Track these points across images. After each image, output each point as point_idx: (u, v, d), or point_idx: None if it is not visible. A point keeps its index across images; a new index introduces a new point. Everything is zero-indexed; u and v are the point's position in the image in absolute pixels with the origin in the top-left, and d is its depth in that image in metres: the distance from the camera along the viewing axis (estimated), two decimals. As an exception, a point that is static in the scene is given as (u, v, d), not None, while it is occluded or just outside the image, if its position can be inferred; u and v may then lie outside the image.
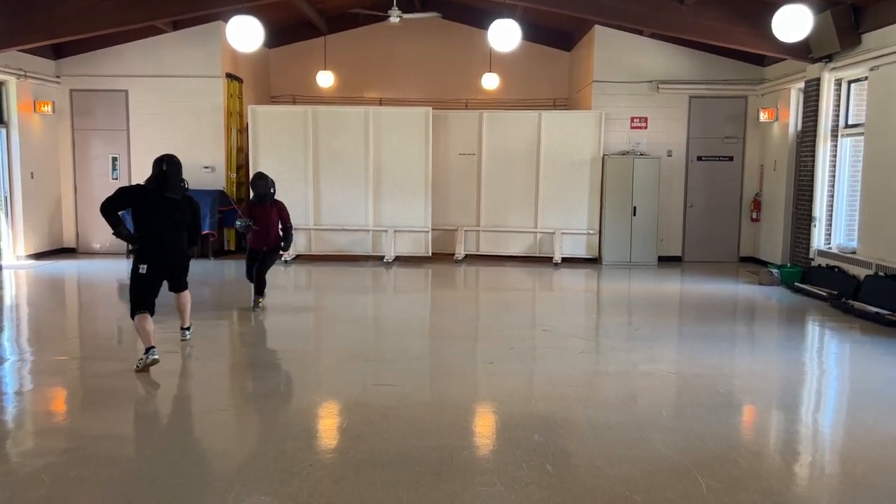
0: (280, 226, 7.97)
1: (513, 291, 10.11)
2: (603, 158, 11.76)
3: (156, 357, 5.45)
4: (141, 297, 5.53)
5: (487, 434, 4.44)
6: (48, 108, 11.46)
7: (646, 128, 12.04)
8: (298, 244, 11.87)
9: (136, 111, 12.02)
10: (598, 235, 11.89)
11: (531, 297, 9.89)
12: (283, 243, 7.97)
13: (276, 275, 10.76)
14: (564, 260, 11.80)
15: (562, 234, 11.90)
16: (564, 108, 13.63)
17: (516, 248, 12.13)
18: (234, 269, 11.15)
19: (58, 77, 11.83)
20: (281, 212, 7.96)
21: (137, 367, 5.44)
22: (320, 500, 3.43)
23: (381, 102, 13.63)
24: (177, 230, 5.68)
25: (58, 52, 11.73)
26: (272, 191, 7.97)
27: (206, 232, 11.47)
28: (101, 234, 12.04)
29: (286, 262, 11.50)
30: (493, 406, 4.91)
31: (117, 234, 5.48)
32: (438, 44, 13.85)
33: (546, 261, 11.87)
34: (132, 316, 5.54)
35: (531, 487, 3.60)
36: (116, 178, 11.99)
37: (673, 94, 11.96)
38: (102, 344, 6.84)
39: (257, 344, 6.93)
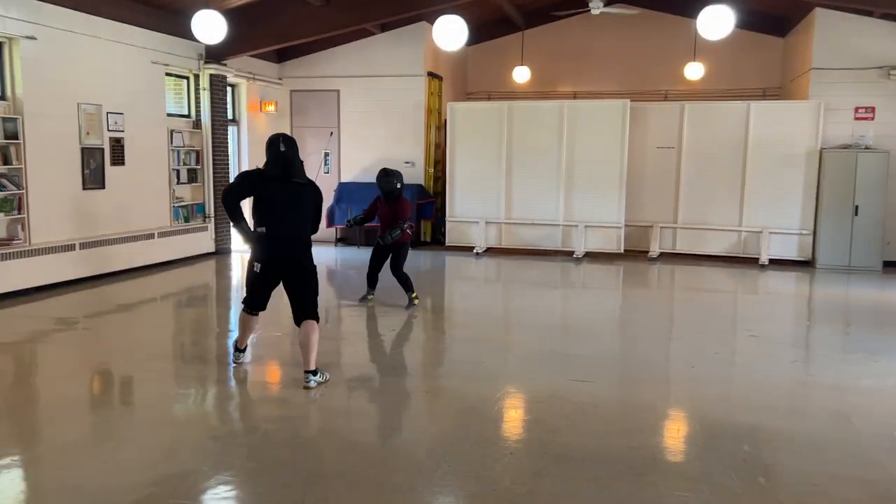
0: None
1: (714, 293, 9.59)
2: (820, 152, 10.79)
3: (240, 361, 5.41)
4: (252, 295, 5.13)
5: (691, 439, 4.27)
6: (272, 108, 12.62)
7: (873, 118, 10.86)
8: (489, 237, 12.12)
9: (346, 109, 12.88)
10: (811, 236, 10.95)
11: (734, 300, 9.33)
12: (389, 234, 7.40)
13: (466, 266, 11.12)
14: (772, 261, 10.99)
15: (770, 233, 11.09)
16: (776, 98, 12.67)
17: (717, 247, 11.49)
18: (430, 259, 11.62)
19: (280, 79, 12.98)
20: (405, 210, 7.55)
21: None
22: (522, 489, 3.50)
23: (575, 96, 13.49)
24: (303, 220, 4.96)
25: (281, 56, 12.87)
26: (399, 186, 7.57)
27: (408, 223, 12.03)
28: (313, 223, 13.09)
29: (477, 254, 11.78)
30: (695, 411, 4.70)
31: (239, 229, 4.93)
32: (638, 34, 13.43)
33: (750, 262, 11.13)
34: (243, 307, 5.28)
35: (743, 499, 3.42)
36: (328, 173, 12.95)
37: (908, 80, 10.68)
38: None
39: (449, 331, 7.17)
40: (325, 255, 11.84)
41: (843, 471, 3.76)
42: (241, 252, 11.58)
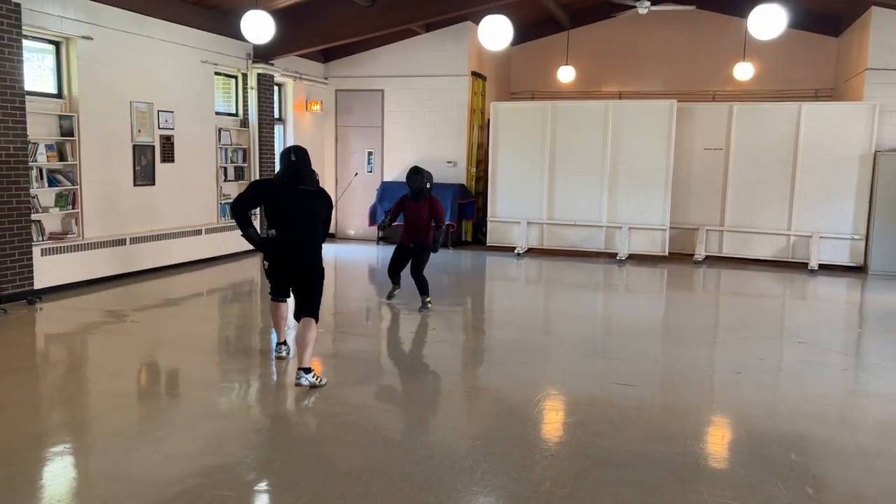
0: (433, 223, 7.50)
1: (761, 298, 9.39)
2: (875, 155, 10.48)
3: (282, 355, 5.60)
4: (273, 285, 5.52)
5: (736, 447, 4.19)
6: (317, 107, 12.77)
7: (931, 120, 10.51)
8: (531, 237, 12.06)
9: (390, 109, 12.96)
10: (864, 241, 10.64)
11: (782, 306, 9.12)
12: (433, 242, 7.45)
13: (507, 267, 11.09)
14: (822, 266, 10.71)
15: (820, 237, 10.81)
16: (828, 99, 12.34)
17: (765, 251, 11.25)
18: (470, 259, 11.63)
19: (326, 78, 13.12)
20: (434, 209, 7.42)
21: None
22: (563, 491, 3.48)
23: (620, 96, 13.34)
24: (312, 225, 5.10)
25: (326, 56, 13.00)
26: (428, 186, 7.44)
27: (447, 223, 12.07)
28: (356, 221, 13.22)
29: (518, 255, 11.74)
30: (741, 418, 4.61)
31: (247, 236, 5.11)
32: (686, 33, 13.23)
33: (799, 266, 10.87)
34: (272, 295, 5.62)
35: (789, 509, 3.35)
36: (371, 171, 13.05)
37: (969, 81, 10.30)
38: (353, 321, 7.49)
39: (490, 332, 7.16)
40: (366, 253, 11.94)
41: (893, 484, 3.65)
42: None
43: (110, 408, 4.65)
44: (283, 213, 5.01)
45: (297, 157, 5.05)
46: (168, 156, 9.50)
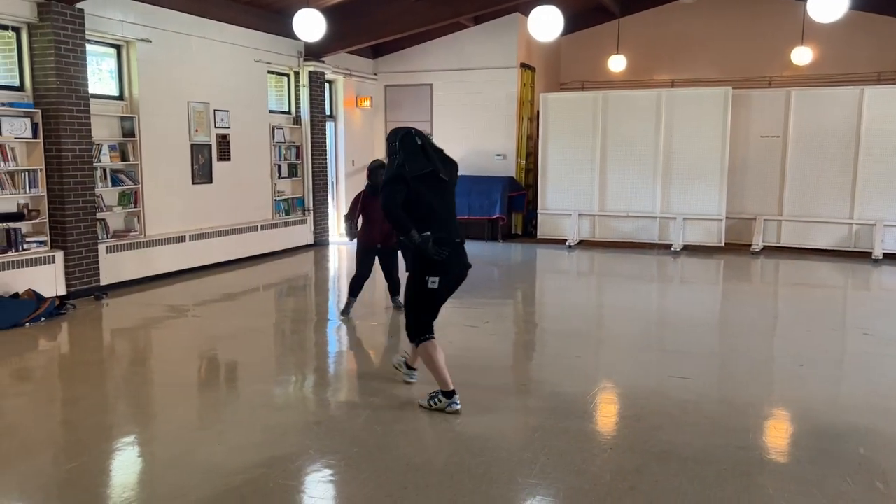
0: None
1: (822, 288, 9.13)
2: (943, 139, 10.07)
3: (458, 407, 4.37)
4: (427, 319, 4.41)
5: (800, 441, 4.09)
6: (367, 104, 12.88)
7: None
8: (582, 230, 11.95)
9: (439, 103, 12.99)
10: (932, 229, 10.24)
11: (845, 296, 8.85)
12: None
13: (558, 259, 11.01)
14: (886, 256, 10.34)
15: (884, 225, 10.44)
16: (892, 82, 11.88)
17: (825, 240, 10.91)
18: (521, 252, 11.60)
19: (375, 74, 13.22)
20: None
21: (428, 406, 4.43)
22: (623, 485, 3.45)
23: (672, 84, 13.09)
24: (457, 223, 4.46)
25: (375, 52, 13.09)
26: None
27: (497, 216, 12.07)
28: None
29: (569, 247, 11.65)
30: (805, 412, 4.50)
31: (410, 240, 4.16)
32: (740, 18, 12.90)
33: (862, 256, 10.52)
34: (415, 340, 4.45)
35: (859, 505, 3.27)
36: (420, 165, 13.10)
37: None
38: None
39: (542, 325, 7.13)
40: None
41: (972, 480, 3.52)
42: (338, 244, 11.89)
43: (175, 400, 4.81)
44: (432, 212, 4.23)
45: (423, 141, 4.28)
46: (224, 154, 9.71)
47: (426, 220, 4.19)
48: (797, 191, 11.01)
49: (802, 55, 11.75)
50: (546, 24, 7.86)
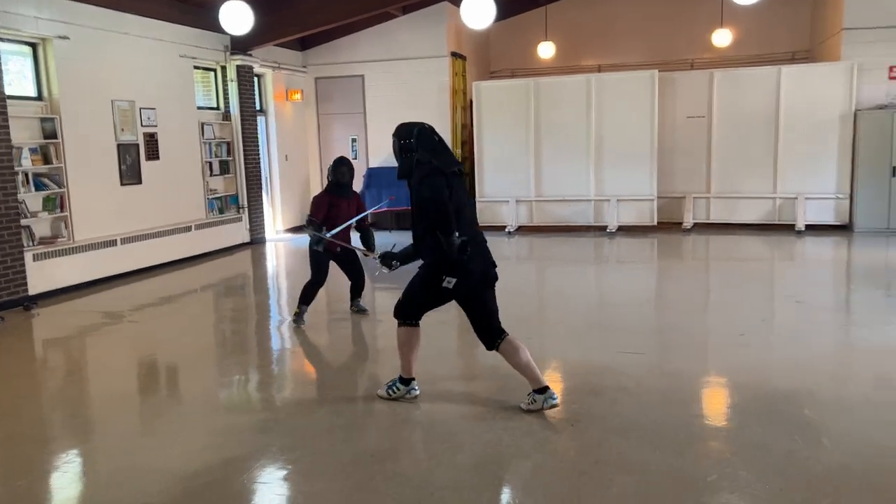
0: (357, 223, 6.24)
1: (752, 261, 9.51)
2: (855, 114, 10.61)
3: (417, 393, 4.38)
4: (422, 308, 4.25)
5: (749, 406, 4.24)
6: (298, 97, 12.66)
7: (908, 77, 10.65)
8: (520, 215, 12.09)
9: (371, 94, 12.88)
10: (848, 200, 10.80)
11: (774, 268, 9.25)
12: (365, 244, 6.23)
13: (499, 246, 11.08)
14: (808, 227, 10.86)
15: (805, 198, 10.95)
16: (805, 61, 12.44)
17: (751, 215, 11.37)
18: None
19: (304, 67, 13.01)
20: (361, 206, 6.42)
21: (387, 395, 4.38)
22: (588, 459, 3.53)
23: (599, 69, 13.36)
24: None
25: (304, 44, 12.87)
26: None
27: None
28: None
29: (509, 233, 11.78)
30: (750, 378, 4.67)
31: (450, 241, 3.84)
32: (661, 3, 13.26)
33: (786, 228, 11.01)
34: (401, 318, 4.25)
35: (810, 461, 3.43)
36: (356, 158, 12.99)
37: (944, 36, 10.44)
38: (345, 307, 7.31)
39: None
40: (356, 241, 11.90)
41: (908, 431, 3.75)
42: (275, 241, 11.68)
43: (124, 408, 4.64)
44: (460, 209, 4.02)
45: (440, 137, 4.16)
46: (153, 153, 9.39)
47: (456, 219, 3.93)
48: (723, 168, 11.43)
49: (722, 37, 12.16)
50: (479, 12, 7.87)
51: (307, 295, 6.36)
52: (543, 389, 4.11)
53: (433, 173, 3.99)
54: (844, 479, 3.26)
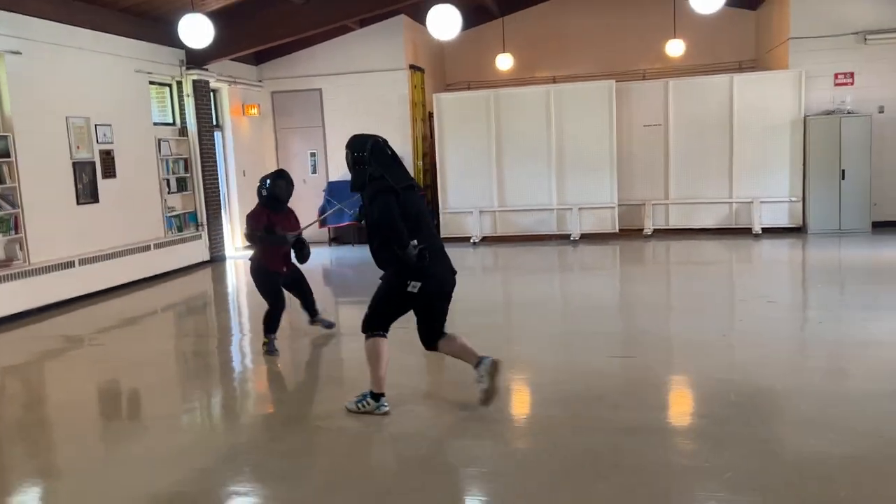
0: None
1: (716, 264, 9.74)
2: (804, 120, 11.00)
3: (387, 409, 4.26)
4: (388, 317, 4.27)
5: (751, 404, 4.28)
6: (255, 111, 12.44)
7: (852, 84, 11.10)
8: (484, 226, 12.11)
9: (330, 108, 12.74)
10: (801, 202, 11.17)
11: (737, 270, 9.48)
12: (297, 258, 5.91)
13: (464, 257, 11.05)
14: (764, 230, 11.18)
15: (760, 202, 11.28)
16: (751, 70, 12.86)
17: (709, 220, 11.65)
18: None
19: (260, 81, 12.80)
20: (297, 223, 6.03)
21: (356, 409, 4.28)
22: (607, 462, 3.51)
23: (554, 80, 13.53)
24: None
25: (258, 58, 12.67)
26: (262, 192, 5.86)
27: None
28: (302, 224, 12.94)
29: (474, 244, 11.78)
30: (743, 376, 4.72)
31: (407, 255, 3.95)
32: (613, 14, 13.53)
33: (744, 232, 11.32)
34: (368, 331, 4.24)
35: (822, 455, 3.48)
36: (315, 174, 12.83)
37: (883, 44, 10.92)
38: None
39: (458, 320, 7.14)
40: (320, 256, 11.74)
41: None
42: (235, 258, 11.41)
43: (87, 433, 4.42)
44: (419, 218, 4.15)
45: (392, 151, 4.25)
46: (109, 171, 9.07)
47: (415, 231, 4.03)
48: (680, 175, 11.68)
49: (676, 47, 12.46)
50: (445, 23, 7.90)
51: (271, 324, 5.84)
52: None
53: (383, 191, 4.06)
54: (857, 469, 3.32)
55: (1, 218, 7.58)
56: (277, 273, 5.86)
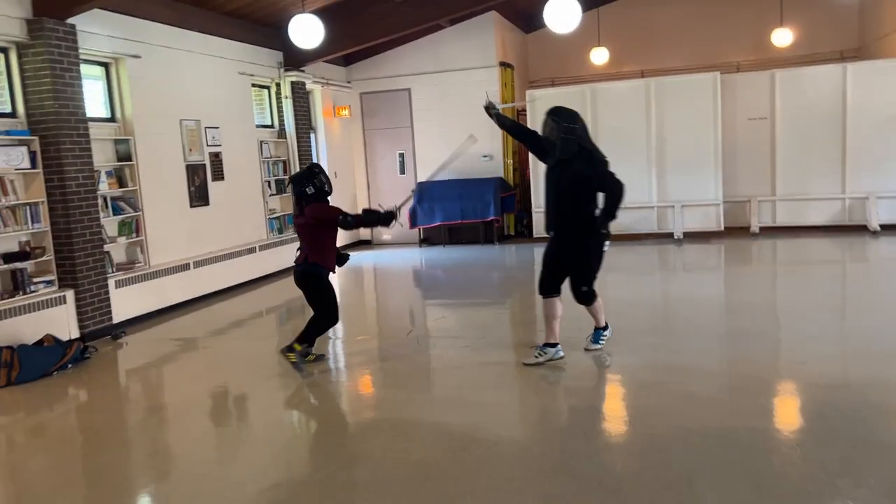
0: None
1: (837, 264, 9.25)
2: (924, 110, 10.41)
3: (563, 354, 5.12)
4: (561, 280, 5.19)
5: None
6: (346, 113, 12.40)
7: (976, 71, 10.47)
8: (580, 225, 11.79)
9: (418, 108, 12.62)
10: (924, 197, 10.58)
11: (864, 270, 8.99)
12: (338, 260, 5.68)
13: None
14: (883, 227, 10.61)
15: (877, 197, 10.71)
16: (855, 59, 12.26)
17: (819, 217, 11.12)
18: (516, 253, 11.39)
19: (349, 82, 12.76)
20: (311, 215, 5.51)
21: (536, 360, 5.06)
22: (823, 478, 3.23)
23: (642, 74, 13.15)
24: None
25: (347, 60, 12.62)
26: (308, 191, 5.44)
27: (492, 218, 11.82)
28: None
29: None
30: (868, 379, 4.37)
31: (610, 221, 4.96)
32: (706, 6, 13.10)
33: (858, 229, 10.76)
34: (546, 294, 5.08)
35: None
36: (404, 174, 12.72)
37: None
38: (395, 325, 7.19)
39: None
40: (410, 256, 11.64)
41: None
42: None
43: (202, 439, 4.34)
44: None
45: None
46: (218, 173, 9.11)
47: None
48: (788, 170, 11.18)
49: (783, 37, 11.96)
50: (564, 15, 7.66)
51: (318, 333, 5.53)
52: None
53: (607, 164, 5.08)
54: None
55: (123, 221, 7.63)
56: (332, 271, 5.60)
